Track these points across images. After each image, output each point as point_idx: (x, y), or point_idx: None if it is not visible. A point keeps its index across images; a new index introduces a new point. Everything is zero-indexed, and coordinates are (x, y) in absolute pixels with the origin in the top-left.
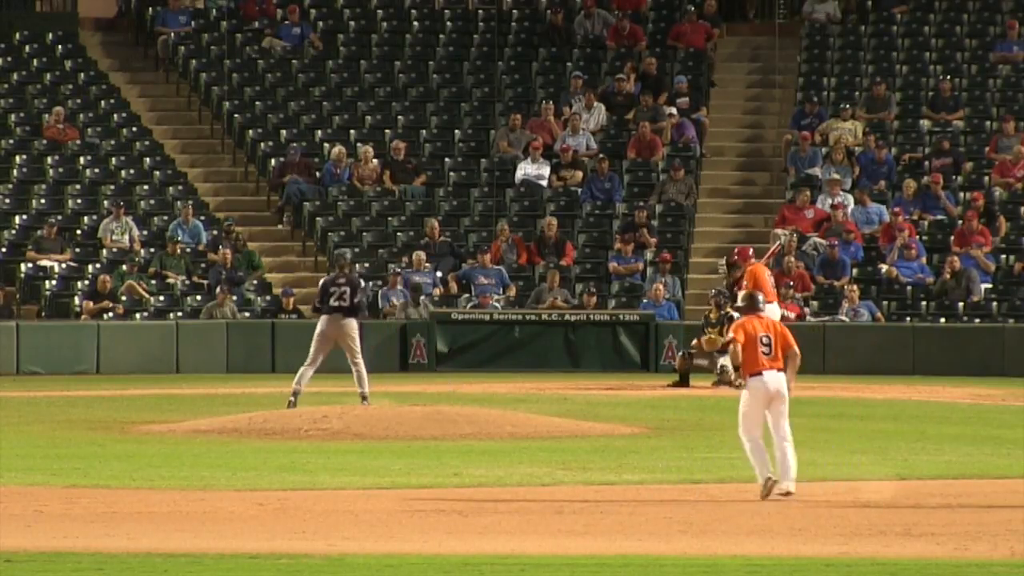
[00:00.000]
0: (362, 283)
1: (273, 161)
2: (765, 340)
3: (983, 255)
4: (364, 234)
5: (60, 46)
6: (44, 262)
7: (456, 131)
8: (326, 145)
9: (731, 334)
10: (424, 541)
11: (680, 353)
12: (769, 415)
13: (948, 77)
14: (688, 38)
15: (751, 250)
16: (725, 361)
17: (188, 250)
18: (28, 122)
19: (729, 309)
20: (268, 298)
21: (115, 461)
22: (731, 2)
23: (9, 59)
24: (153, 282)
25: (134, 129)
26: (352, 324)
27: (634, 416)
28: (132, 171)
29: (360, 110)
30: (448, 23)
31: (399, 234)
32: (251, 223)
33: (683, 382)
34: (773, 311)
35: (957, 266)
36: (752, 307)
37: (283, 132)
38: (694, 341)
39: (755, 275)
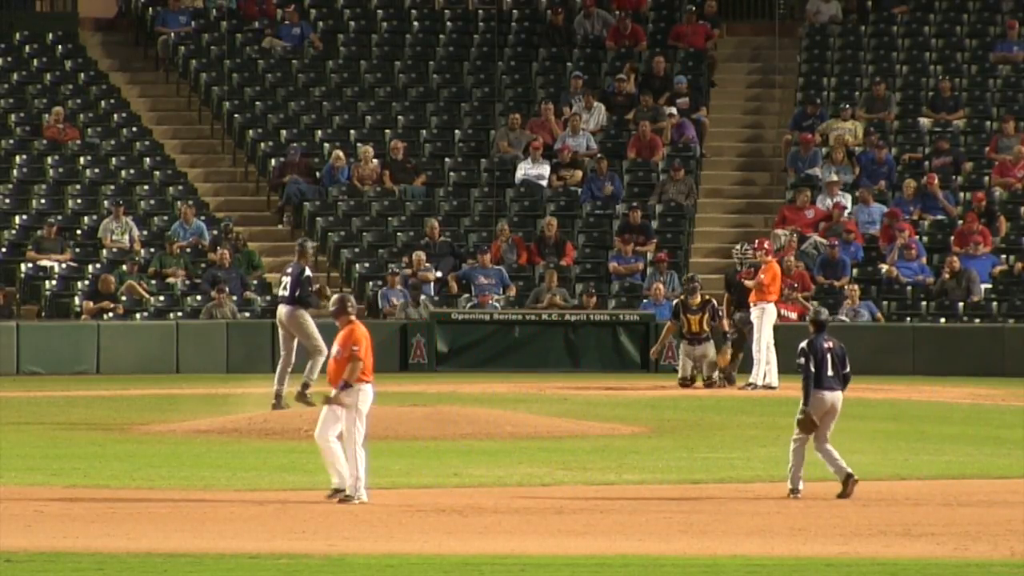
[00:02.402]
0: (306, 272)
1: (273, 161)
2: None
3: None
4: (364, 234)
5: (60, 46)
6: (44, 262)
7: (456, 131)
8: (326, 145)
9: (355, 347)
10: (424, 541)
11: (680, 380)
12: (347, 421)
13: (948, 77)
14: (688, 38)
15: (767, 243)
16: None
17: (188, 250)
18: (28, 122)
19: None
20: (268, 298)
21: (115, 461)
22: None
23: (9, 59)
24: (153, 282)
25: (134, 129)
26: (292, 314)
27: (634, 416)
28: (132, 171)
29: (360, 110)
30: (448, 23)
31: (399, 234)
32: (251, 223)
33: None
34: (771, 311)
35: (957, 266)
36: (344, 311)
37: (283, 132)
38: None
39: (775, 272)
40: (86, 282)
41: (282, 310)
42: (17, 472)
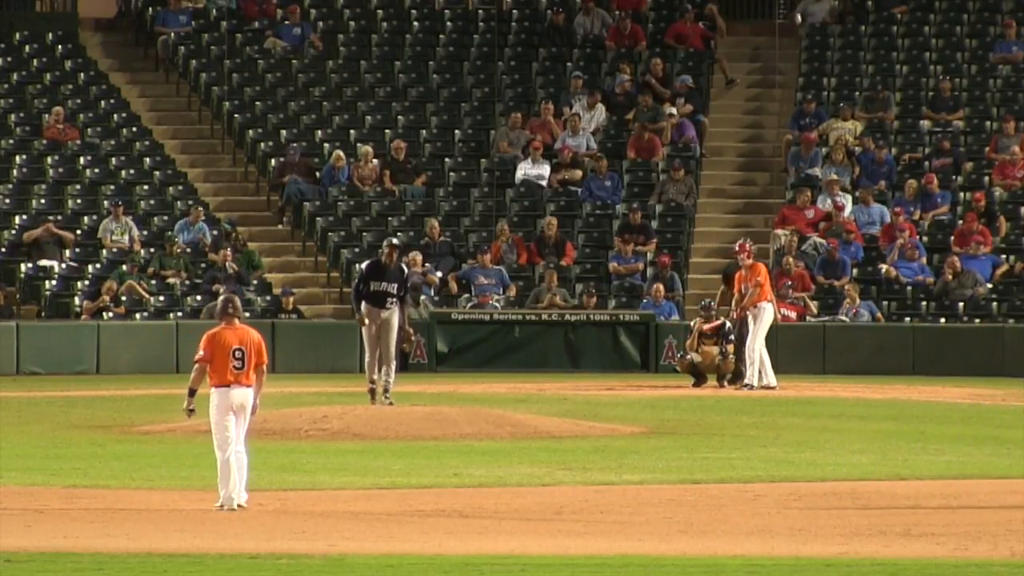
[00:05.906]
0: (360, 268)
1: (273, 161)
2: (238, 354)
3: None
4: (364, 234)
5: (60, 46)
6: (44, 262)
7: (456, 131)
8: (326, 145)
9: (201, 351)
10: (424, 541)
11: (679, 356)
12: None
13: (948, 77)
14: (687, 39)
15: (748, 246)
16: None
17: (188, 250)
18: (28, 122)
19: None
20: (268, 298)
21: (115, 461)
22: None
23: (9, 59)
24: (153, 282)
25: (134, 129)
26: None
27: (634, 416)
28: (132, 171)
29: (360, 110)
30: (448, 23)
31: (399, 234)
32: (251, 223)
33: (699, 381)
34: (767, 311)
35: (957, 266)
36: (225, 313)
37: (283, 132)
38: (688, 353)
39: (760, 271)
40: (86, 282)
41: None
42: (17, 472)
